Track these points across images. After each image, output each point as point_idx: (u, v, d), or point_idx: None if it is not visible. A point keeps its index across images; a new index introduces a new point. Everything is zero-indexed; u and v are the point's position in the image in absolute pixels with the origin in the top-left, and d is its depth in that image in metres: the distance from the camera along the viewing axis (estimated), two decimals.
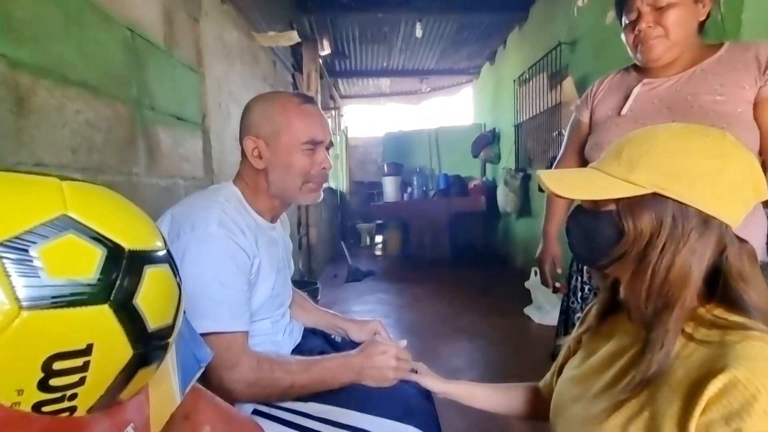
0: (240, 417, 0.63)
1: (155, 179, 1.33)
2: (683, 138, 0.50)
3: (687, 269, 0.48)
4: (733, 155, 0.49)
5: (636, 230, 0.50)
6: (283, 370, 0.79)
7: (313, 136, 0.87)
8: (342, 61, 5.38)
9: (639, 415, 0.49)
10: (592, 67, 2.91)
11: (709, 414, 0.42)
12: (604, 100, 1.13)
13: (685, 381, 0.46)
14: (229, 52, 2.05)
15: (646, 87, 1.03)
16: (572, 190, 0.54)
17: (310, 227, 4.23)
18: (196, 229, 0.78)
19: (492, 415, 1.71)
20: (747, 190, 0.49)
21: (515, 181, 4.19)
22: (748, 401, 0.40)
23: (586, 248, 0.58)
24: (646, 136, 0.52)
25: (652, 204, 0.49)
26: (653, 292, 0.50)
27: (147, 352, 0.36)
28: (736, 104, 0.91)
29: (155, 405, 0.40)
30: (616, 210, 0.51)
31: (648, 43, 0.96)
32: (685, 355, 0.48)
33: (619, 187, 0.50)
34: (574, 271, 1.26)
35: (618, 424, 0.50)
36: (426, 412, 0.87)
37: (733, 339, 0.45)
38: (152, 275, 0.36)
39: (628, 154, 0.51)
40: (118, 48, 1.19)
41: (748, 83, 0.90)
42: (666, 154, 0.49)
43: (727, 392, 0.42)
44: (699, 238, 0.48)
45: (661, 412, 0.46)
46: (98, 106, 1.10)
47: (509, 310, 3.06)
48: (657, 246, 0.49)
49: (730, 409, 0.41)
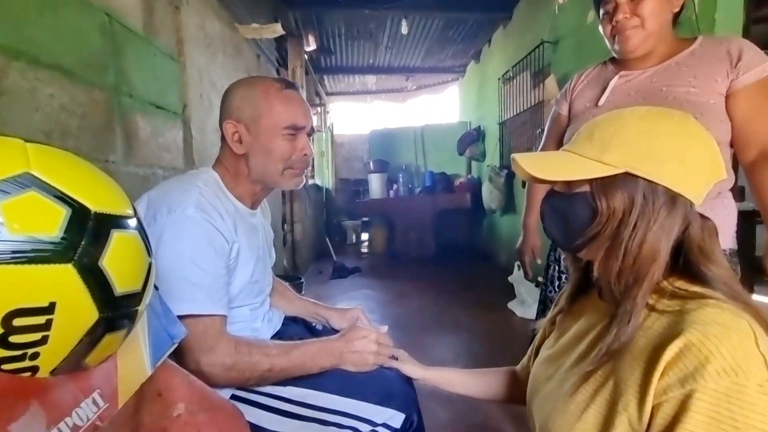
0: (217, 398, 0.63)
1: (133, 168, 1.31)
2: (650, 120, 0.52)
3: (657, 245, 0.50)
4: (697, 136, 0.51)
5: (609, 209, 0.51)
6: (262, 353, 0.79)
7: (295, 122, 0.86)
8: (328, 57, 5.36)
9: (604, 385, 0.50)
10: (574, 66, 2.97)
11: (666, 378, 0.44)
12: (583, 92, 1.16)
13: (646, 349, 0.48)
14: (211, 42, 2.02)
15: (622, 79, 1.06)
16: (547, 172, 0.55)
17: (295, 223, 4.21)
18: (173, 212, 0.77)
19: (474, 405, 1.74)
20: (708, 169, 0.51)
21: (500, 178, 4.23)
22: (702, 363, 0.42)
23: (560, 230, 0.59)
24: (614, 118, 0.54)
25: (624, 183, 0.50)
26: (626, 268, 0.51)
27: (114, 318, 0.36)
28: (709, 96, 0.94)
29: (124, 375, 0.39)
30: (590, 190, 0.52)
31: (625, 34, 0.98)
32: (647, 325, 0.50)
33: (593, 168, 0.51)
34: (551, 261, 1.28)
35: (586, 397, 0.52)
36: (406, 395, 0.87)
37: (691, 307, 0.47)
38: (120, 239, 0.35)
39: (600, 136, 0.53)
40: (95, 33, 1.17)
41: (720, 76, 0.93)
42: (636, 135, 0.51)
43: (682, 356, 0.43)
44: (668, 215, 0.50)
45: (624, 379, 0.48)
46: (74, 91, 1.07)
47: (493, 305, 3.10)
48: (629, 224, 0.50)
49: (685, 371, 0.43)
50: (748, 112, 0.93)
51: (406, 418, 0.84)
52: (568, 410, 0.53)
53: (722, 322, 0.44)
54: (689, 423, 0.41)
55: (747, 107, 0.93)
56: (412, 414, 0.85)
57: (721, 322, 0.44)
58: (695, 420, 0.41)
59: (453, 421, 1.63)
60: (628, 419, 0.46)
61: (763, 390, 0.40)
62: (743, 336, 0.43)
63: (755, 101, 0.92)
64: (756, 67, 0.91)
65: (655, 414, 0.44)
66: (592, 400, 0.51)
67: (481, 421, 1.64)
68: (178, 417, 0.53)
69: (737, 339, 0.42)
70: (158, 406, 0.51)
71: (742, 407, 0.40)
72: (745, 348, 0.42)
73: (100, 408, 0.35)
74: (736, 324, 0.44)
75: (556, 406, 0.56)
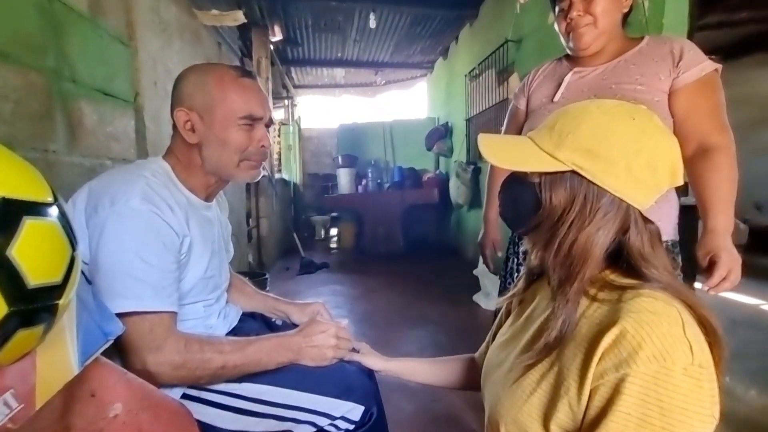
0: (160, 396, 0.60)
1: (77, 158, 1.22)
2: (610, 116, 0.52)
3: (589, 246, 0.51)
4: (654, 139, 0.50)
5: (551, 204, 0.52)
6: (215, 350, 0.76)
7: (251, 112, 0.83)
8: (294, 48, 5.24)
9: (549, 371, 0.52)
10: (536, 64, 3.03)
11: (603, 363, 0.46)
12: (539, 88, 1.19)
13: (587, 336, 0.49)
14: (167, 27, 1.92)
15: (576, 76, 1.10)
16: (503, 159, 0.56)
17: (261, 219, 4.11)
18: (116, 203, 0.72)
19: (437, 397, 1.76)
20: (662, 174, 0.51)
21: (466, 173, 4.31)
22: (635, 349, 0.44)
23: (510, 213, 0.60)
24: (578, 111, 0.54)
25: (570, 181, 0.51)
26: (557, 263, 0.53)
27: (28, 312, 0.33)
28: (654, 94, 0.99)
29: (44, 374, 0.36)
30: (539, 182, 0.53)
31: (578, 31, 1.02)
32: (589, 314, 0.52)
33: (544, 162, 0.52)
34: (510, 254, 1.31)
35: (532, 382, 0.53)
36: (366, 388, 0.87)
37: (627, 297, 0.49)
38: (33, 227, 0.32)
39: (559, 128, 0.53)
40: (31, 10, 1.08)
41: (664, 74, 0.98)
42: (590, 133, 0.50)
43: (617, 343, 0.45)
44: (604, 217, 0.51)
45: (567, 365, 0.50)
46: (6, 73, 0.99)
47: (459, 299, 3.16)
48: (566, 221, 0.52)
49: (620, 357, 0.45)
50: (687, 109, 0.97)
51: (365, 410, 0.83)
52: (515, 395, 0.54)
53: (654, 311, 0.46)
54: (621, 405, 0.44)
55: (686, 104, 0.97)
56: (372, 406, 0.85)
57: (653, 310, 0.46)
58: (627, 402, 0.44)
59: (417, 413, 1.65)
60: (568, 402, 0.48)
61: (687, 373, 0.43)
62: (672, 323, 0.45)
63: (693, 99, 0.97)
64: (695, 66, 0.96)
65: (593, 396, 0.46)
66: (538, 385, 0.52)
67: (444, 412, 1.66)
68: (116, 418, 0.50)
69: (667, 326, 0.45)
70: (92, 408, 0.48)
71: (668, 389, 0.42)
72: (673, 334, 0.44)
73: (12, 409, 0.32)
74: (666, 312, 0.46)
75: (504, 390, 0.57)
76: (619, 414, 0.44)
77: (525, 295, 0.69)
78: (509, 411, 0.55)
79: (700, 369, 0.44)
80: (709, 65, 0.96)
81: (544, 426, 0.50)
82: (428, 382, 0.87)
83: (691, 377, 0.43)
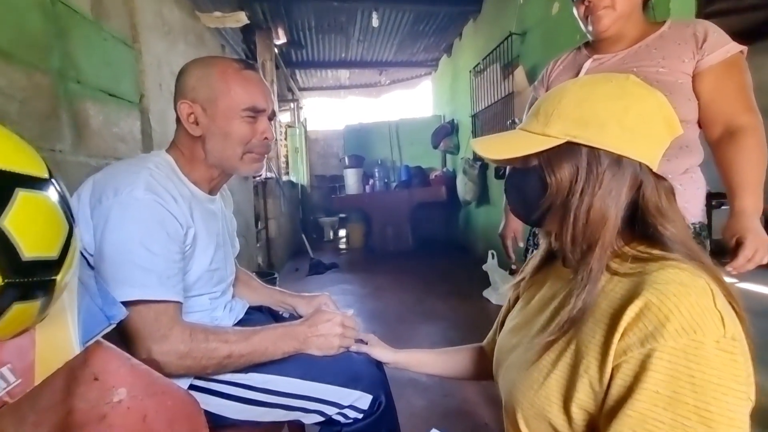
0: (165, 382, 0.59)
1: (83, 158, 1.24)
2: (589, 86, 0.52)
3: (605, 209, 0.50)
4: (637, 95, 0.50)
5: (557, 180, 0.51)
6: (220, 340, 0.75)
7: (254, 104, 0.82)
8: (299, 51, 5.27)
9: (566, 350, 0.50)
10: (541, 57, 3.02)
11: (626, 339, 0.43)
12: (559, 77, 1.18)
13: (607, 312, 0.47)
14: (171, 30, 1.94)
15: (595, 62, 1.08)
16: (496, 151, 0.56)
17: (270, 220, 4.13)
18: (120, 193, 0.72)
19: (449, 392, 1.74)
20: (658, 127, 0.51)
21: (473, 170, 4.28)
22: (661, 322, 0.42)
23: (519, 205, 0.59)
24: (558, 90, 0.54)
25: (568, 153, 0.51)
26: (578, 235, 0.51)
27: (24, 285, 0.32)
28: (677, 76, 0.97)
29: (43, 351, 0.36)
30: (539, 164, 0.53)
31: (597, 14, 1.00)
32: (609, 288, 0.50)
33: (538, 142, 0.52)
34: (530, 245, 1.30)
35: (548, 363, 0.52)
36: (374, 376, 0.86)
37: (651, 268, 0.47)
38: (26, 199, 0.32)
39: (544, 110, 0.53)
40: (35, 13, 1.09)
41: (687, 57, 0.96)
42: (574, 103, 0.51)
43: (642, 316, 0.43)
44: (612, 177, 0.50)
45: (585, 343, 0.48)
46: (11, 74, 1.00)
47: (469, 294, 3.13)
48: (576, 192, 0.51)
49: (645, 331, 0.42)
50: (712, 92, 0.95)
51: (374, 399, 0.82)
52: (531, 377, 0.53)
53: (681, 282, 0.44)
54: (648, 382, 0.41)
55: (711, 87, 0.95)
56: (380, 395, 0.84)
57: (679, 281, 0.44)
58: (654, 378, 0.41)
59: (429, 408, 1.63)
60: (589, 381, 0.46)
61: (720, 346, 0.40)
62: (701, 294, 0.43)
63: (719, 81, 0.95)
64: (720, 48, 0.94)
65: (615, 374, 0.44)
66: (555, 366, 0.51)
67: (456, 407, 1.64)
68: (120, 403, 0.50)
69: (695, 297, 0.42)
70: (94, 391, 0.47)
71: (699, 363, 0.40)
72: (703, 306, 0.42)
73: (10, 384, 0.32)
74: (694, 283, 0.44)
75: (520, 374, 0.55)
76: (647, 392, 0.41)
77: (535, 278, 0.68)
78: (525, 395, 0.53)
79: (733, 342, 0.41)
80: (734, 47, 0.94)
81: (565, 408, 0.48)
82: (437, 373, 0.86)
83: (724, 350, 0.40)
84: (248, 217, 3.34)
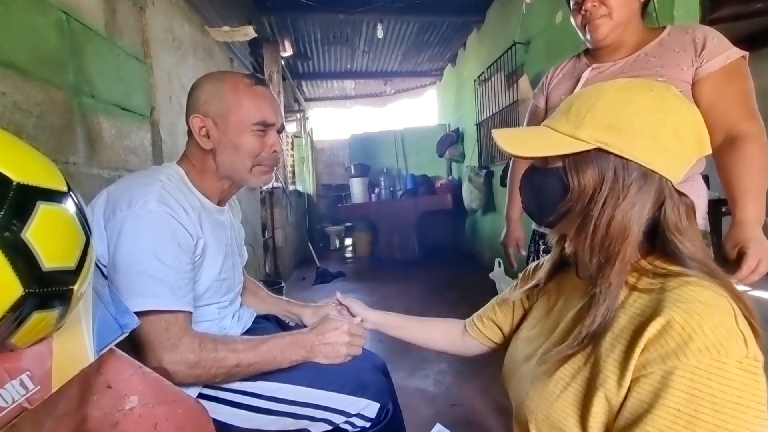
0: (175, 391, 0.60)
1: (96, 170, 1.27)
2: (627, 92, 0.50)
3: (627, 222, 0.49)
4: (675, 108, 0.49)
5: (580, 186, 0.50)
6: (229, 349, 0.76)
7: (264, 118, 0.84)
8: (305, 62, 5.35)
9: (585, 365, 0.50)
10: (545, 65, 3.02)
11: (647, 354, 0.43)
12: (558, 86, 1.18)
13: (627, 327, 0.47)
14: (181, 45, 1.99)
15: (594, 71, 1.08)
16: (521, 148, 0.54)
17: (276, 230, 4.16)
18: (133, 205, 0.74)
19: (457, 401, 1.73)
20: (689, 144, 0.49)
21: (479, 178, 4.28)
22: (684, 341, 0.41)
23: (535, 205, 0.58)
24: (593, 91, 0.52)
25: (596, 159, 0.49)
26: (596, 246, 0.50)
27: (43, 295, 0.34)
28: (676, 84, 0.96)
29: (59, 359, 0.37)
30: (563, 166, 0.51)
31: (594, 23, 1.00)
32: (629, 303, 0.49)
33: (565, 144, 0.50)
34: (531, 252, 1.30)
35: (566, 376, 0.51)
36: (381, 384, 0.86)
37: (672, 285, 0.46)
38: (47, 212, 0.34)
39: (576, 110, 0.51)
40: (51, 30, 1.13)
41: (686, 65, 0.95)
42: (610, 109, 0.49)
43: (664, 333, 0.43)
44: (638, 191, 0.48)
45: (604, 357, 0.47)
46: (29, 90, 1.04)
47: (475, 302, 3.06)
48: (599, 201, 0.49)
49: (667, 348, 0.42)
50: (712, 99, 0.94)
51: (381, 407, 0.82)
52: (547, 389, 0.52)
53: (704, 300, 0.43)
54: (669, 399, 0.41)
55: (711, 94, 0.94)
56: (387, 403, 0.84)
57: (703, 300, 0.44)
58: (676, 396, 0.41)
59: (436, 417, 1.62)
60: (605, 395, 0.46)
61: (742, 366, 0.40)
62: (724, 314, 0.43)
63: (719, 87, 0.93)
64: (719, 54, 0.93)
65: (633, 388, 0.44)
66: (573, 380, 0.50)
67: (463, 417, 1.63)
68: (132, 410, 0.51)
69: (719, 317, 0.42)
70: (108, 399, 0.49)
71: (721, 383, 0.40)
72: (726, 326, 0.42)
73: (29, 391, 0.33)
74: (717, 302, 0.44)
75: (534, 385, 0.55)
76: (667, 409, 0.41)
77: (548, 287, 0.67)
78: (540, 407, 0.52)
79: (756, 362, 0.41)
80: (734, 53, 0.93)
81: (581, 422, 0.48)
82: (408, 339, 0.89)
83: (747, 371, 0.40)
84: (255, 227, 3.37)
